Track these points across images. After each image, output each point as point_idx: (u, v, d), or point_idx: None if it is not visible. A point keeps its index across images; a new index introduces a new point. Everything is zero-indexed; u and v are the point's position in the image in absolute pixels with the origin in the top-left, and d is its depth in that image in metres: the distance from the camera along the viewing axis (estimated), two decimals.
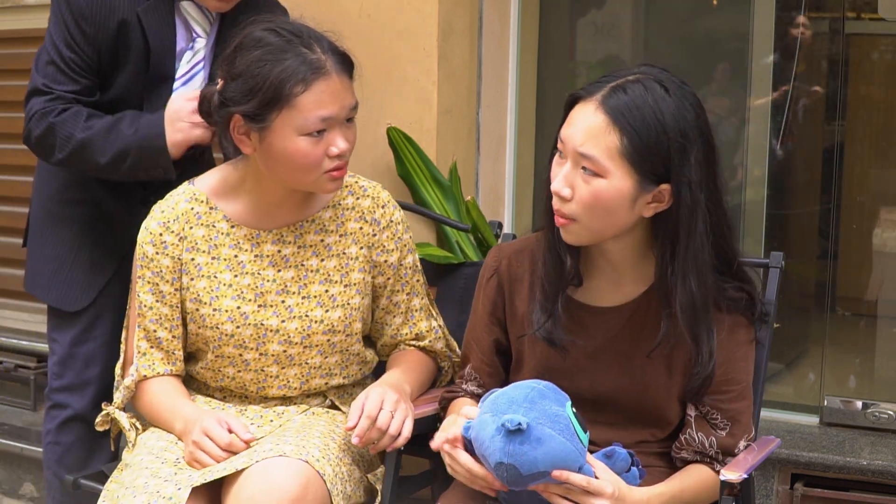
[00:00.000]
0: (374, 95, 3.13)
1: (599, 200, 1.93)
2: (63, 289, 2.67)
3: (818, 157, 3.98)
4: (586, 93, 1.95)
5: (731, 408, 2.07)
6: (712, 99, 3.78)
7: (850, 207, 4.03)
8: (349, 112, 2.21)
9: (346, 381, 2.39)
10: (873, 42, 4.02)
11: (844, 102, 3.84)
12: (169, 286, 2.31)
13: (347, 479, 2.18)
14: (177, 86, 2.58)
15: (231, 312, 2.29)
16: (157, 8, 2.50)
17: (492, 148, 3.43)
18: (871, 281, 4.20)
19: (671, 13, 3.90)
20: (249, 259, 2.31)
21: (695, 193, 1.92)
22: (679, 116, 1.91)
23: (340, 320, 2.31)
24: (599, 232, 1.99)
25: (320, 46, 2.18)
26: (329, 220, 2.34)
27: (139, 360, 2.34)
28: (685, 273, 1.95)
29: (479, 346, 2.23)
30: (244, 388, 2.35)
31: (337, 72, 2.18)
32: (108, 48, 2.49)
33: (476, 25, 3.31)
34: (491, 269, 2.20)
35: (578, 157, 1.93)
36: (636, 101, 1.90)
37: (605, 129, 1.90)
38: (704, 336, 2.00)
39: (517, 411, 1.88)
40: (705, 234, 1.95)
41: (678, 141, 1.90)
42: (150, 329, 2.33)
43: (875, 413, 3.16)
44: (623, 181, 1.92)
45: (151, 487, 2.08)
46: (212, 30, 2.59)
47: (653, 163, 1.91)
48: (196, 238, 2.31)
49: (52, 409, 2.73)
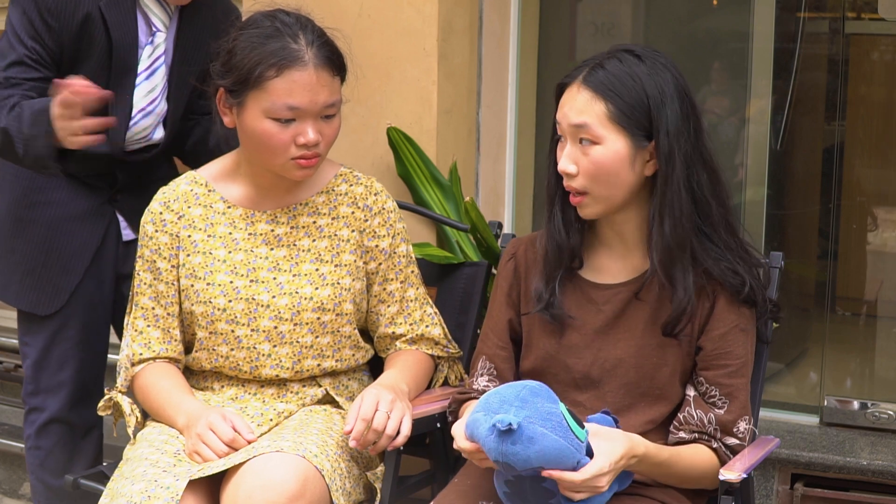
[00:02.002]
0: (374, 95, 3.13)
1: (601, 167, 2.08)
2: (34, 293, 2.66)
3: (818, 157, 3.98)
4: (570, 78, 2.13)
5: (729, 383, 2.11)
6: (712, 99, 3.78)
7: (850, 207, 4.03)
8: (323, 108, 2.25)
9: (338, 364, 2.40)
10: (873, 42, 4.02)
11: (844, 102, 3.85)
12: (166, 263, 2.37)
13: (346, 475, 2.19)
14: (139, 80, 2.59)
15: (224, 287, 2.33)
16: (119, 2, 2.51)
17: (492, 148, 3.43)
18: (871, 281, 4.20)
19: (671, 13, 3.91)
20: (244, 237, 2.37)
21: (671, 140, 2.06)
22: (654, 76, 2.08)
23: (330, 298, 2.34)
24: (610, 198, 2.11)
25: (307, 39, 2.24)
26: (322, 203, 2.40)
27: (134, 339, 2.38)
28: (661, 217, 2.08)
29: (495, 331, 2.30)
30: (238, 367, 2.36)
31: (316, 65, 2.23)
32: (70, 42, 2.49)
33: (476, 25, 3.31)
34: (508, 255, 2.32)
35: (575, 131, 2.09)
36: (614, 71, 2.08)
37: (590, 100, 2.07)
38: (680, 275, 2.10)
39: (508, 410, 1.89)
40: (683, 182, 2.07)
41: (655, 96, 2.07)
42: (147, 307, 2.38)
43: (875, 413, 3.16)
44: (617, 142, 2.07)
45: (150, 476, 2.10)
46: (171, 23, 2.60)
47: (638, 119, 2.07)
48: (194, 216, 2.38)
49: (30, 413, 2.72)
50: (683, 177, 2.08)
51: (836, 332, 3.87)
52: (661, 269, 2.09)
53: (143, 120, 2.62)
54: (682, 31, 3.88)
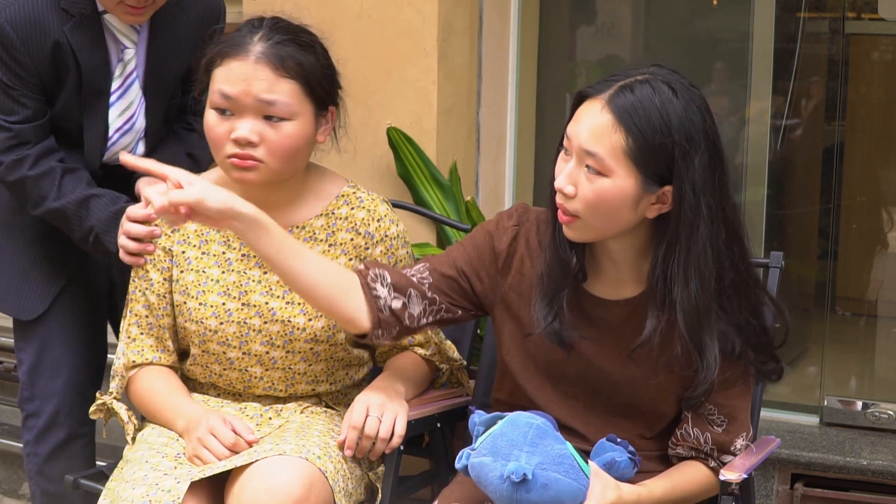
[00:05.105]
0: (374, 95, 3.13)
1: (602, 200, 1.93)
2: (18, 298, 2.65)
3: (818, 157, 3.99)
4: (594, 91, 1.95)
5: (729, 403, 2.06)
6: (712, 99, 3.76)
7: (850, 207, 4.03)
8: (257, 101, 2.17)
9: (333, 387, 2.38)
10: (873, 42, 4.02)
11: (844, 102, 3.85)
12: (158, 275, 2.33)
13: (349, 476, 2.18)
14: (112, 99, 2.55)
15: (216, 308, 2.30)
16: (83, 25, 2.46)
17: (492, 148, 3.43)
18: (871, 281, 4.20)
19: (671, 13, 3.91)
20: (237, 257, 2.32)
21: (697, 196, 1.91)
22: (685, 119, 1.90)
23: (324, 330, 2.30)
24: (602, 230, 1.98)
25: (264, 35, 2.19)
26: (320, 228, 2.33)
27: (128, 346, 2.36)
28: (686, 275, 1.94)
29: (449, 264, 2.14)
30: (232, 385, 2.35)
31: (258, 58, 2.17)
32: (47, 71, 2.47)
33: (476, 25, 3.31)
34: (512, 231, 2.15)
35: (583, 155, 1.93)
36: (643, 101, 1.90)
37: (610, 128, 1.90)
38: (708, 341, 1.97)
39: (519, 456, 1.88)
40: (707, 239, 1.93)
41: (682, 143, 1.90)
42: (140, 314, 2.36)
43: (875, 413, 3.16)
44: (626, 181, 1.91)
45: (151, 480, 2.09)
46: (140, 38, 2.56)
47: (656, 163, 1.90)
48: (188, 232, 2.34)
49: (27, 419, 2.71)
50: (708, 234, 1.93)
51: (836, 332, 3.87)
52: (686, 332, 1.95)
53: (122, 138, 2.59)
54: (682, 31, 3.88)
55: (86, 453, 2.75)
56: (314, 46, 2.25)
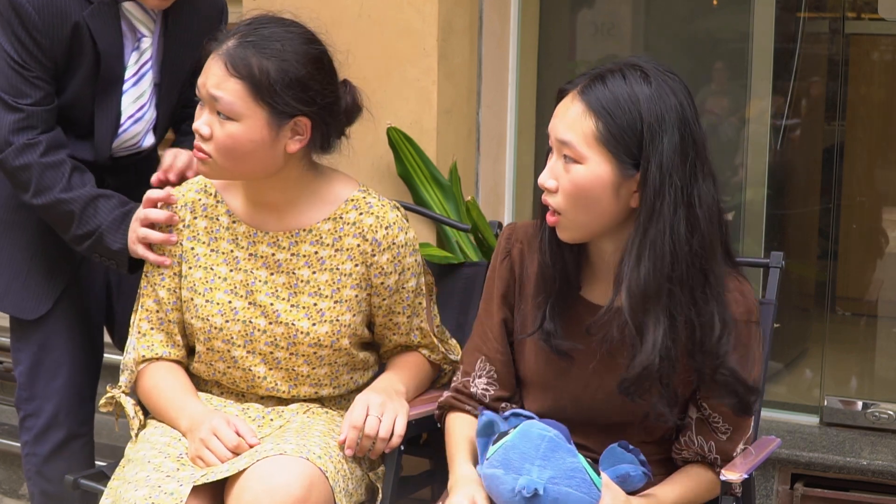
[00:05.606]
0: (374, 95, 3.12)
1: (580, 188, 1.93)
2: (19, 297, 2.64)
3: (818, 157, 3.99)
4: (570, 85, 1.99)
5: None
6: (712, 99, 3.78)
7: (850, 207, 4.04)
8: (208, 95, 2.20)
9: (336, 391, 2.38)
10: (873, 42, 4.03)
11: (844, 102, 3.85)
12: (168, 269, 2.35)
13: (350, 476, 2.18)
14: (126, 87, 2.57)
15: (222, 306, 2.31)
16: (102, 11, 2.48)
17: (492, 148, 3.43)
18: (872, 281, 4.21)
19: (671, 13, 3.91)
20: (244, 256, 2.33)
21: (663, 176, 1.88)
22: (657, 100, 1.90)
23: (328, 335, 2.30)
24: (588, 224, 1.97)
25: (238, 34, 2.23)
26: (327, 232, 2.32)
27: (139, 340, 2.36)
28: (640, 256, 1.89)
29: (493, 332, 2.17)
30: (235, 384, 2.35)
31: (219, 55, 2.21)
32: (63, 55, 2.48)
33: (476, 25, 3.31)
34: (504, 253, 2.17)
35: (560, 146, 1.95)
36: (613, 88, 1.93)
37: (581, 115, 1.93)
38: (651, 325, 1.91)
39: (531, 470, 1.88)
40: (668, 222, 1.88)
41: (651, 123, 1.89)
42: (151, 309, 2.37)
43: (875, 413, 3.16)
44: (602, 167, 1.92)
45: (153, 481, 2.09)
46: (156, 28, 2.58)
47: (627, 146, 1.90)
48: (199, 229, 2.35)
49: (26, 420, 2.70)
50: (672, 216, 1.88)
51: (836, 332, 3.88)
52: (629, 316, 1.91)
53: (133, 126, 2.60)
54: (682, 31, 3.88)
55: (85, 453, 2.75)
56: (285, 56, 2.20)
